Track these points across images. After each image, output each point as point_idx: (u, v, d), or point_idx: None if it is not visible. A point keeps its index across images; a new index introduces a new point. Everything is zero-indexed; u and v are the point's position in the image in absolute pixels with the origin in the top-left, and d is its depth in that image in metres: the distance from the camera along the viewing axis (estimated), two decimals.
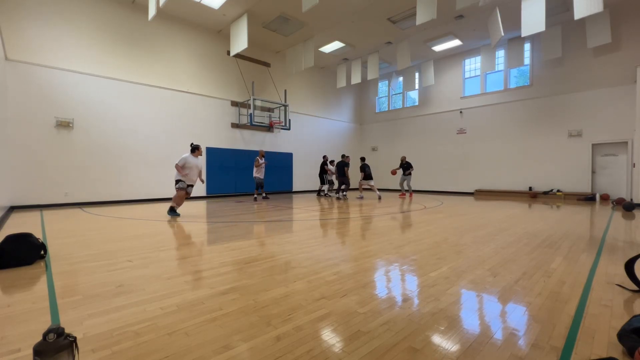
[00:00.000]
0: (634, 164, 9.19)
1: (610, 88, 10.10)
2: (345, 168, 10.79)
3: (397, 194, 13.24)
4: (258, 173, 10.20)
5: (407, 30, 11.25)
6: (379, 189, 16.19)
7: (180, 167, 6.21)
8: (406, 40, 11.36)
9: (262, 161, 10.17)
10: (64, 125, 8.31)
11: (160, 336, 1.67)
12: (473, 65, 13.39)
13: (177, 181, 6.27)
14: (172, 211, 6.34)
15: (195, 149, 6.41)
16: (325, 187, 12.22)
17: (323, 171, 12.25)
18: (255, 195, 10.42)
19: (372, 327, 1.77)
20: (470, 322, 1.85)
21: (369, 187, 11.34)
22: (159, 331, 1.73)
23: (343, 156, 11.06)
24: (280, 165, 13.62)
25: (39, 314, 1.97)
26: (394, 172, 12.08)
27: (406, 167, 11.65)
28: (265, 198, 10.81)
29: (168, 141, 10.26)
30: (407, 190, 11.97)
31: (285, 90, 13.20)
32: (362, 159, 11.33)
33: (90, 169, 8.76)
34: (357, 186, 11.49)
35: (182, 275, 2.69)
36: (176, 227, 5.21)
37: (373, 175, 11.38)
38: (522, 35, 8.52)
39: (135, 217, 6.30)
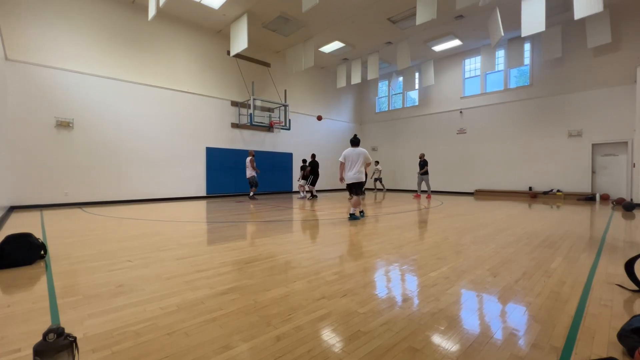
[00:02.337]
0: (634, 164, 9.18)
1: (610, 88, 10.09)
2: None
3: (396, 195, 13.23)
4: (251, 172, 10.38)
5: (407, 30, 11.24)
6: (380, 189, 16.27)
7: None
8: (406, 40, 11.36)
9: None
10: (64, 125, 8.31)
11: (160, 336, 1.67)
12: (473, 65, 13.38)
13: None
14: (355, 216, 5.96)
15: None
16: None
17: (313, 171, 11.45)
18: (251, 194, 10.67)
19: (372, 327, 1.77)
20: (470, 322, 1.85)
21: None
22: (159, 331, 1.73)
23: (314, 156, 11.31)
24: (280, 166, 13.61)
25: (39, 314, 1.97)
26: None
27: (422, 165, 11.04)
28: (252, 198, 10.68)
29: (168, 141, 10.26)
30: (424, 191, 11.88)
31: (285, 90, 13.20)
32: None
33: (90, 169, 8.76)
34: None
35: (182, 275, 2.69)
36: (178, 227, 5.21)
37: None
38: (522, 35, 8.52)
39: (135, 217, 6.30)
